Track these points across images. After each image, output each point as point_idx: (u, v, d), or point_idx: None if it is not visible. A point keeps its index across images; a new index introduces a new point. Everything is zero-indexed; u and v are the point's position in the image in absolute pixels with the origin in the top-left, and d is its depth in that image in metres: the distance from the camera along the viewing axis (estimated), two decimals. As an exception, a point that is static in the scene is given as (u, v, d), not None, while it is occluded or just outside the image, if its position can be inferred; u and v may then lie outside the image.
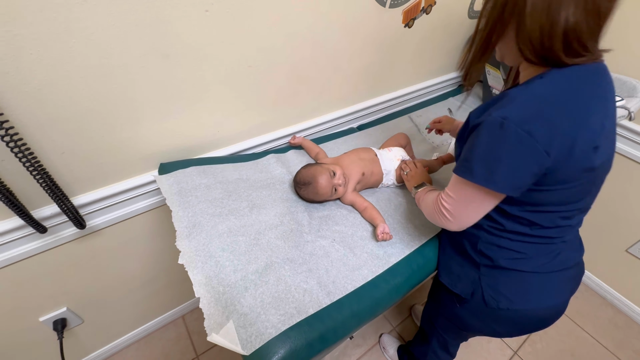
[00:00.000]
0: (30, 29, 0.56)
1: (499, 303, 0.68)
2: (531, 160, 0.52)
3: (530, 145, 0.51)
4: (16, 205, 0.67)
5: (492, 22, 0.56)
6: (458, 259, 0.76)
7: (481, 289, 0.70)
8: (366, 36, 1.06)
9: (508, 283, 0.68)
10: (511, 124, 0.51)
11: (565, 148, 0.52)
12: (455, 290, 0.75)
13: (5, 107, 0.60)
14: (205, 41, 0.75)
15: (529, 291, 0.68)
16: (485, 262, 0.70)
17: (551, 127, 0.50)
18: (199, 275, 0.65)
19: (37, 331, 0.97)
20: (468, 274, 0.73)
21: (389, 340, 1.37)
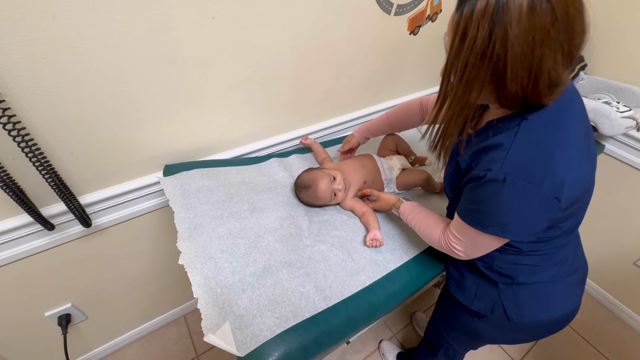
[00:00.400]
0: (44, 33, 0.58)
1: (522, 317, 0.68)
2: (544, 210, 0.52)
3: (541, 196, 0.50)
4: (26, 202, 0.70)
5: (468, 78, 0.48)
6: (472, 277, 0.74)
7: (502, 305, 0.69)
8: (371, 43, 1.07)
9: (529, 297, 0.68)
10: (515, 179, 0.50)
11: (573, 188, 0.51)
12: (473, 307, 0.74)
13: (19, 109, 0.63)
14: (210, 47, 0.77)
15: (550, 301, 0.68)
16: (504, 280, 0.69)
17: (554, 173, 0.49)
18: (198, 276, 0.66)
19: (43, 326, 1.00)
20: (486, 292, 0.71)
21: (388, 346, 1.36)
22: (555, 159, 0.50)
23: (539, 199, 0.51)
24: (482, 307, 0.72)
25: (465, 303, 0.75)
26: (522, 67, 0.45)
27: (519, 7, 0.42)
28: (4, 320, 0.91)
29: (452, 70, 0.50)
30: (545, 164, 0.50)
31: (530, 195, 0.50)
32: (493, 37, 0.44)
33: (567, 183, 0.50)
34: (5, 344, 0.96)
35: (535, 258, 0.66)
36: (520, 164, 0.51)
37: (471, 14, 0.44)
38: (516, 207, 0.52)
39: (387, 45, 1.12)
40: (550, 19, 0.42)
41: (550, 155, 0.50)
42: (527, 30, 0.42)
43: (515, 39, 0.43)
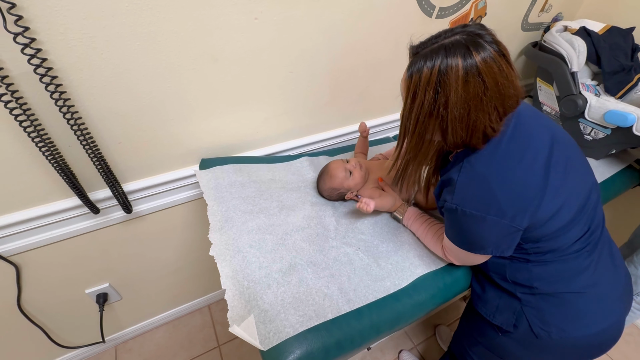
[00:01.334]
0: (103, 32, 0.63)
1: (550, 334, 0.64)
2: (502, 232, 0.59)
3: (491, 222, 0.57)
4: (77, 186, 0.76)
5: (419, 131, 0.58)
6: (493, 289, 0.73)
7: (527, 320, 0.66)
8: (409, 44, 1.05)
9: (555, 310, 0.64)
10: (465, 209, 0.58)
11: (527, 207, 0.57)
12: (495, 322, 0.71)
13: (77, 100, 0.68)
14: (251, 47, 0.79)
15: (580, 315, 0.64)
16: (523, 290, 0.67)
17: (496, 200, 0.56)
18: (226, 268, 0.68)
19: (82, 302, 1.07)
20: (508, 305, 0.69)
21: (408, 357, 1.33)
22: (493, 187, 0.57)
23: (490, 224, 0.57)
24: (504, 321, 0.70)
25: (486, 317, 0.73)
26: (460, 127, 0.54)
27: (455, 79, 0.50)
28: (50, 294, 0.99)
29: (406, 123, 0.59)
30: (486, 194, 0.57)
31: (480, 221, 0.58)
32: (437, 102, 0.52)
33: (512, 206, 0.56)
34: (49, 316, 1.05)
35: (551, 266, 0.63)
36: (466, 195, 0.58)
37: (419, 81, 0.52)
38: (475, 230, 0.60)
39: (426, 49, 1.09)
40: (482, 89, 0.50)
41: (489, 184, 0.57)
42: (464, 98, 0.50)
43: (454, 105, 0.51)
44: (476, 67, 0.49)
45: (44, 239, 0.84)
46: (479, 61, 0.49)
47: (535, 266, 0.65)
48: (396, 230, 0.87)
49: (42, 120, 0.67)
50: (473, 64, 0.49)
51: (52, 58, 0.61)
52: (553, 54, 1.19)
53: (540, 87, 1.31)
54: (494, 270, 0.71)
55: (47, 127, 0.68)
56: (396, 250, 0.81)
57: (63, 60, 0.63)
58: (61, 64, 0.63)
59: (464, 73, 0.49)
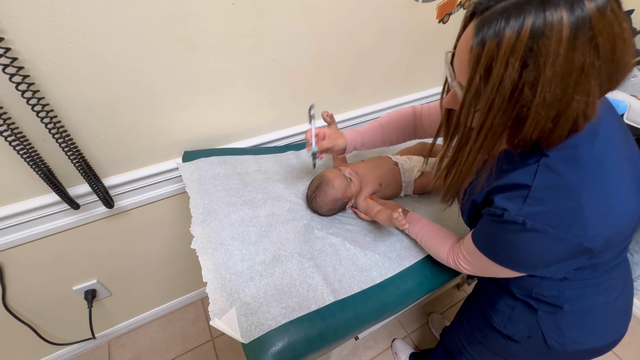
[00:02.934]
0: (70, 19, 0.60)
1: (565, 346, 0.62)
2: (568, 253, 0.48)
3: (565, 241, 0.45)
4: (54, 182, 0.74)
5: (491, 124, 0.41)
6: (506, 300, 0.67)
7: (541, 332, 0.63)
8: (396, 31, 1.03)
9: (572, 324, 0.62)
10: (537, 224, 0.45)
11: (609, 229, 0.45)
12: (507, 332, 0.67)
13: (47, 92, 0.65)
14: (230, 34, 0.77)
15: (595, 329, 0.62)
16: (546, 309, 0.62)
17: (583, 218, 0.44)
18: (208, 261, 0.67)
19: (70, 299, 1.06)
20: (522, 317, 0.65)
21: (401, 346, 1.33)
22: (583, 201, 0.43)
23: (563, 244, 0.46)
24: (517, 332, 0.66)
25: (497, 326, 0.68)
26: (546, 114, 0.38)
27: (557, 43, 0.34)
28: (36, 292, 0.98)
29: (469, 114, 0.43)
30: (572, 209, 0.44)
31: (553, 240, 0.46)
32: (523, 79, 0.36)
33: (600, 225, 0.44)
34: (37, 314, 1.04)
35: (582, 285, 0.59)
36: (543, 208, 0.45)
37: (496, 49, 0.36)
38: (536, 249, 0.48)
39: (413, 34, 1.07)
40: (591, 57, 0.35)
41: (578, 198, 0.43)
42: (563, 71, 0.35)
43: (547, 82, 0.36)
44: (589, 24, 0.34)
45: (24, 236, 0.82)
46: (594, 13, 0.33)
47: (569, 286, 0.59)
48: (383, 220, 0.86)
49: (11, 113, 0.64)
50: (585, 19, 0.33)
51: (16, 48, 0.58)
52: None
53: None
54: (517, 286, 0.63)
55: (17, 120, 0.66)
56: (383, 240, 0.81)
57: (29, 50, 0.60)
58: (27, 54, 0.60)
59: (571, 33, 0.34)
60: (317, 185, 0.82)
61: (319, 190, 0.81)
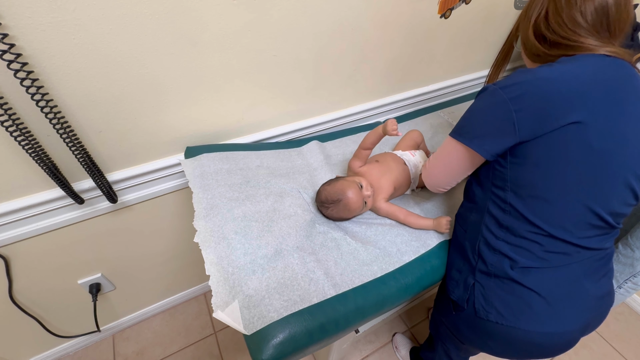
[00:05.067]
0: (73, 15, 0.60)
1: (488, 314, 0.64)
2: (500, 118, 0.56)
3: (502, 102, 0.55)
4: (58, 177, 0.75)
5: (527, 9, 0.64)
6: (459, 263, 0.72)
7: (473, 296, 0.66)
8: (398, 26, 1.02)
9: (501, 295, 0.63)
10: (497, 85, 0.56)
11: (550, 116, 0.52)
12: (452, 296, 0.72)
13: (51, 88, 0.66)
14: (232, 30, 0.77)
15: (524, 310, 0.61)
16: (481, 267, 0.65)
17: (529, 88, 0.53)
18: (211, 254, 0.68)
19: (75, 292, 1.08)
20: (465, 280, 0.69)
21: (402, 340, 1.35)
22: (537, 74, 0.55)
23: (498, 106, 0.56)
24: (460, 296, 0.70)
25: (447, 290, 0.74)
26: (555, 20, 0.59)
27: None
28: (42, 285, 1.00)
29: None
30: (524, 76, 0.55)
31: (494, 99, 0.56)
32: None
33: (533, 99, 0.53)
34: (43, 307, 1.05)
35: (527, 254, 0.60)
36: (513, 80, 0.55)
37: None
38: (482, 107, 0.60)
39: (415, 29, 1.06)
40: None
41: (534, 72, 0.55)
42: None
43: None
44: None
45: (30, 230, 0.84)
46: None
47: (512, 248, 0.61)
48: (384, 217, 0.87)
49: (16, 109, 0.65)
50: None
51: (20, 44, 0.59)
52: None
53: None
54: (470, 237, 0.69)
55: (22, 116, 0.66)
56: (384, 235, 0.81)
57: (33, 46, 0.60)
58: (32, 50, 0.61)
59: None
60: (335, 200, 0.79)
61: (335, 206, 0.80)
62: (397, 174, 0.89)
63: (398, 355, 1.32)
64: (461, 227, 0.73)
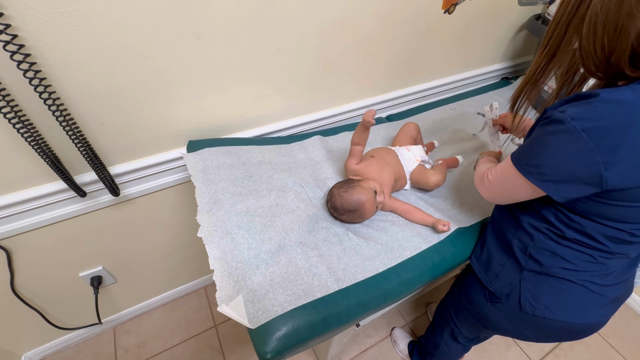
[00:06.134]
0: (75, 6, 0.60)
1: (535, 310, 0.65)
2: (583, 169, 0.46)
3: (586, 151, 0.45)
4: (60, 169, 0.74)
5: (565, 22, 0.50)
6: (500, 257, 0.71)
7: (519, 292, 0.66)
8: (401, 21, 1.02)
9: (550, 292, 0.64)
10: (576, 122, 0.45)
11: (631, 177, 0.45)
12: (490, 287, 0.72)
13: (54, 80, 0.66)
14: (235, 23, 0.76)
15: (571, 304, 0.63)
16: (532, 267, 0.65)
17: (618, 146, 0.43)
18: (215, 249, 0.68)
19: (77, 285, 1.08)
20: (508, 275, 0.69)
21: (400, 334, 1.36)
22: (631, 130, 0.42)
23: (584, 157, 0.45)
24: (499, 289, 0.70)
25: (484, 281, 0.74)
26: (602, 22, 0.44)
27: None
28: (43, 278, 1.00)
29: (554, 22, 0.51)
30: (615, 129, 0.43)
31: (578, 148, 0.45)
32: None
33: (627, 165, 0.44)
34: (45, 299, 1.06)
35: (576, 254, 0.60)
36: (591, 115, 0.44)
37: None
38: (559, 151, 0.48)
39: (418, 24, 1.06)
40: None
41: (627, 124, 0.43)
42: None
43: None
44: None
45: (32, 222, 0.83)
46: None
47: (564, 249, 0.60)
48: (386, 213, 0.87)
49: (19, 101, 0.65)
50: None
51: (23, 35, 0.58)
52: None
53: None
54: (519, 237, 0.66)
55: (24, 108, 0.66)
56: (386, 231, 0.82)
57: (36, 38, 0.60)
58: (34, 42, 0.60)
59: None
60: (351, 210, 0.78)
61: (350, 214, 0.79)
62: (394, 166, 0.90)
63: (396, 349, 1.34)
64: (510, 225, 0.69)
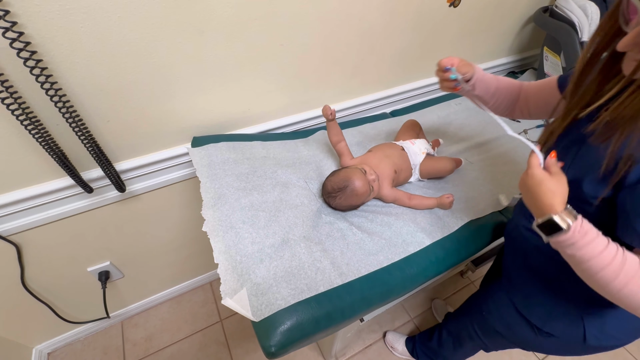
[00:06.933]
0: (80, 3, 0.60)
1: (601, 341, 0.60)
2: None
3: None
4: (68, 165, 0.75)
5: None
6: (548, 297, 0.64)
7: (583, 329, 0.60)
8: (406, 15, 1.01)
9: (616, 322, 0.59)
10: None
11: None
12: (545, 329, 0.64)
13: (60, 77, 0.66)
14: (239, 18, 0.76)
15: (634, 326, 0.59)
16: (596, 305, 0.58)
17: None
18: (219, 243, 0.69)
19: (85, 280, 1.10)
20: (565, 314, 0.62)
21: (393, 337, 1.35)
22: None
23: None
24: (556, 329, 0.63)
25: (534, 323, 0.65)
26: None
27: None
28: (53, 273, 1.02)
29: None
30: None
31: None
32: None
33: None
34: (54, 293, 1.08)
35: None
36: None
37: None
38: None
39: (423, 18, 1.05)
40: None
41: None
42: None
43: None
44: None
45: (40, 218, 0.85)
46: None
47: None
48: (389, 207, 0.87)
49: (26, 98, 0.65)
50: None
51: (29, 32, 0.59)
52: (564, 20, 1.13)
53: (546, 56, 1.26)
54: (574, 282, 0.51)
55: (32, 105, 0.67)
56: (389, 226, 0.81)
57: (42, 34, 0.60)
58: (40, 38, 0.61)
59: None
60: (341, 188, 0.79)
61: (342, 193, 0.79)
62: (395, 159, 0.89)
63: (396, 354, 1.32)
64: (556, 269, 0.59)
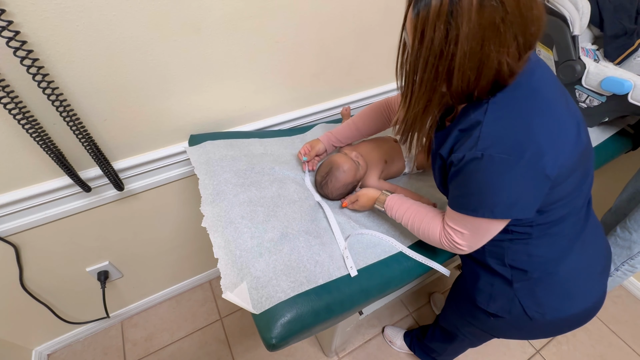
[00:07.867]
0: (76, 1, 0.61)
1: (544, 315, 0.65)
2: (531, 181, 0.51)
3: (524, 167, 0.49)
4: (66, 165, 0.76)
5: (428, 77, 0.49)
6: (486, 277, 0.70)
7: (521, 305, 0.66)
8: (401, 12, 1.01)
9: (549, 292, 0.64)
10: (493, 153, 0.49)
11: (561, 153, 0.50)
12: (490, 310, 0.70)
13: (56, 75, 0.67)
14: (235, 16, 0.77)
15: (572, 295, 0.64)
16: (519, 277, 0.65)
17: (535, 140, 0.48)
18: (219, 238, 0.70)
19: (84, 280, 1.10)
20: (502, 292, 0.68)
21: (392, 332, 1.36)
22: (533, 124, 0.49)
23: (522, 170, 0.49)
24: (500, 309, 0.69)
25: (482, 306, 0.72)
26: (469, 66, 0.45)
27: (469, 5, 0.41)
28: (51, 273, 1.02)
29: (414, 70, 0.50)
30: (524, 132, 0.49)
31: (511, 168, 0.49)
32: (449, 37, 0.44)
33: (553, 149, 0.49)
34: (53, 294, 1.08)
35: (549, 247, 0.62)
36: (496, 136, 0.49)
37: (427, 16, 0.44)
38: (500, 183, 0.51)
39: (417, 14, 1.06)
40: (500, 13, 0.42)
41: (528, 122, 0.49)
42: (477, 26, 0.42)
43: (465, 37, 0.43)
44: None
45: (39, 218, 0.85)
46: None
47: (536, 247, 0.62)
48: (387, 200, 0.88)
49: (23, 97, 0.66)
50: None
51: (25, 31, 0.59)
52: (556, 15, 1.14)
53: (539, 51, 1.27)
54: (492, 255, 0.66)
55: (29, 104, 0.67)
56: (387, 219, 0.83)
57: (38, 34, 0.61)
58: (36, 38, 0.61)
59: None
60: (327, 171, 0.83)
61: (330, 175, 0.82)
62: (386, 149, 0.91)
63: (395, 349, 1.33)
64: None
